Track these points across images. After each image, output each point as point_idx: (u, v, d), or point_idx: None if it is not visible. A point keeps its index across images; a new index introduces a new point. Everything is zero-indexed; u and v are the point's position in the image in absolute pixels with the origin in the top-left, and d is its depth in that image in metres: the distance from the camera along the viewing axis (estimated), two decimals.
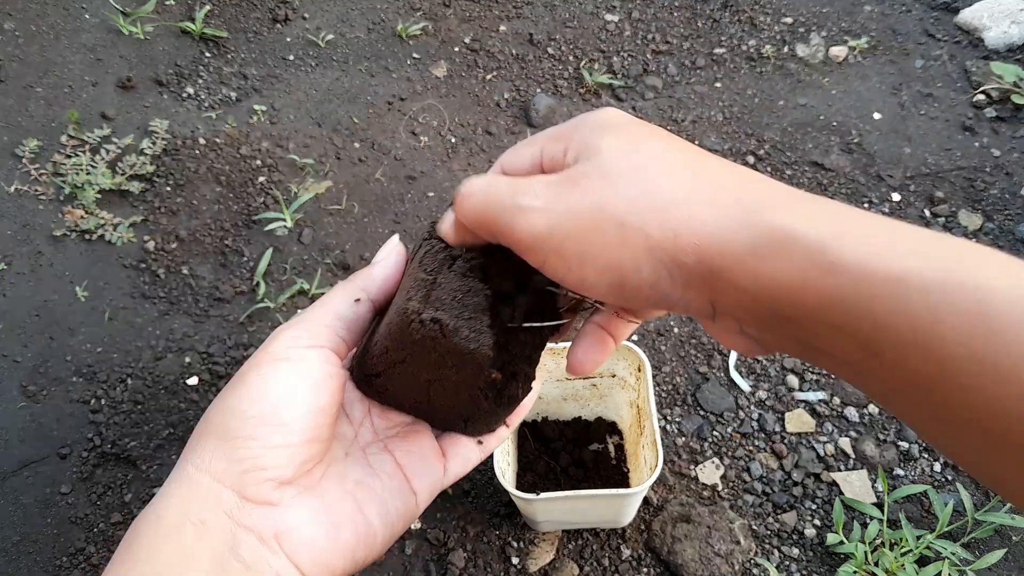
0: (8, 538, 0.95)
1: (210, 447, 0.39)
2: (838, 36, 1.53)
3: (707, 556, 0.88)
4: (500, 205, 0.39)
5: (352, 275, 0.46)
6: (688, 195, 0.34)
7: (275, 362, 0.41)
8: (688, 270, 0.34)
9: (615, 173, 0.36)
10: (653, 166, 0.36)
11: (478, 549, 0.90)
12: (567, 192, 0.37)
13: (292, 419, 0.41)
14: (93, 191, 1.28)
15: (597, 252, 0.35)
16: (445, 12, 1.62)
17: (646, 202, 0.35)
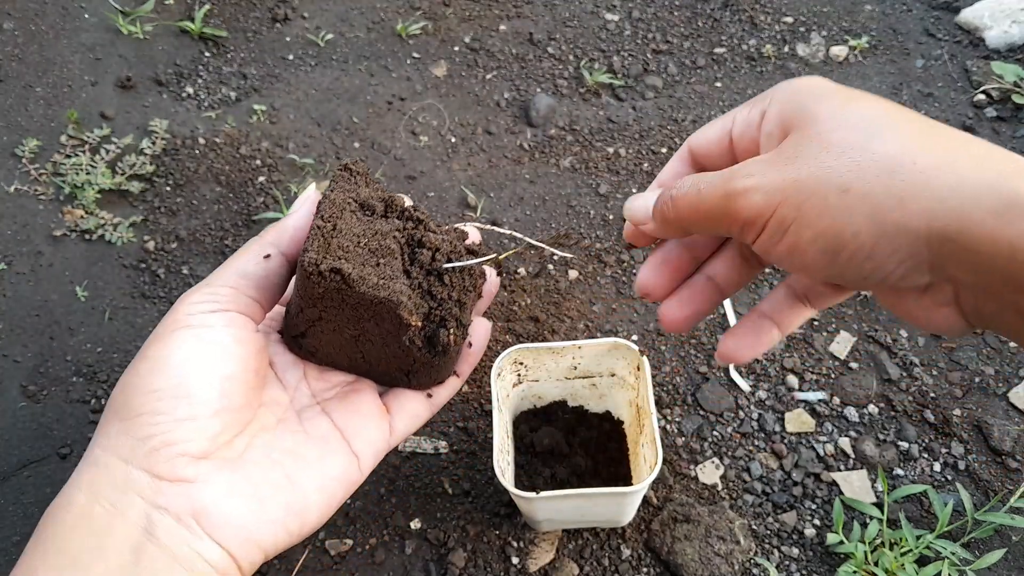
0: (8, 538, 0.95)
1: (115, 427, 0.37)
2: (838, 36, 1.53)
3: (707, 556, 0.88)
4: (714, 193, 0.38)
5: (264, 230, 0.44)
6: (917, 158, 0.33)
7: (176, 331, 0.39)
8: (914, 235, 0.33)
9: (837, 139, 0.35)
10: (876, 130, 0.34)
11: (478, 549, 0.90)
12: (784, 165, 0.36)
13: (197, 389, 0.38)
14: (93, 191, 1.28)
15: (815, 217, 0.34)
16: (445, 11, 1.61)
17: (872, 167, 0.33)
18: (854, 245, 0.34)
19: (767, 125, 0.40)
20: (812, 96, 0.38)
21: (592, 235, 1.23)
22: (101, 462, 0.37)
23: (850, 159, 0.34)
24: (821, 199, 0.34)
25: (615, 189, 1.30)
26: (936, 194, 0.32)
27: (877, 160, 0.33)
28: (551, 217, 1.26)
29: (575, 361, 0.88)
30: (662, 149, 1.36)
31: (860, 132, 0.35)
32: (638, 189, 1.30)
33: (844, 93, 0.38)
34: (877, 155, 0.34)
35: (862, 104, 0.36)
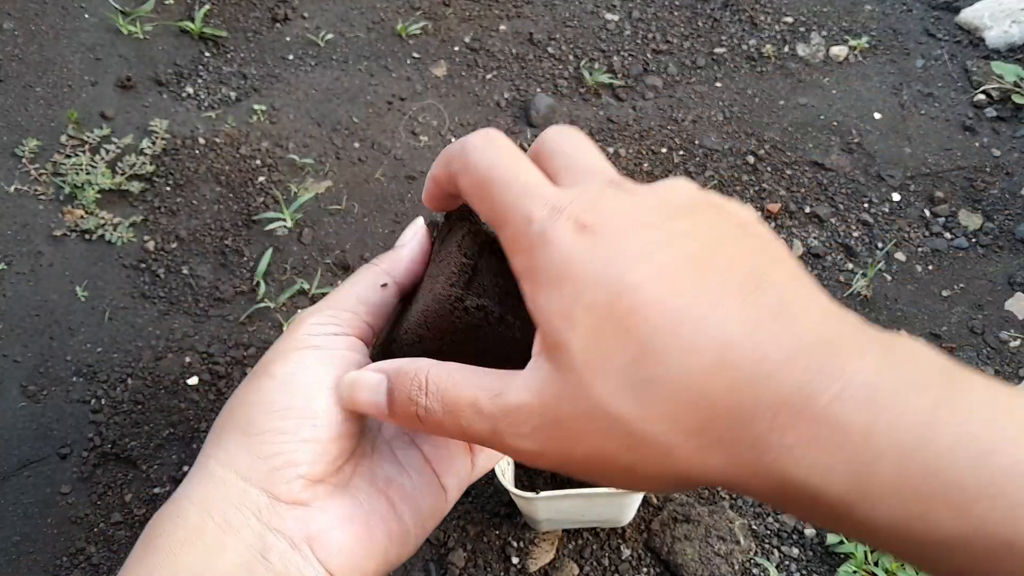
0: (8, 538, 0.95)
1: (234, 442, 0.36)
2: (838, 36, 1.53)
3: (707, 556, 0.88)
4: (480, 428, 0.33)
5: (376, 258, 0.43)
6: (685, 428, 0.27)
7: (301, 350, 0.38)
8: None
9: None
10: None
11: (478, 549, 0.90)
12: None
13: (322, 411, 0.37)
14: (93, 191, 1.28)
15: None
16: (445, 11, 1.61)
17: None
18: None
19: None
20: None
21: None
22: (217, 476, 0.36)
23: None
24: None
25: None
26: (706, 478, 0.29)
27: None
28: None
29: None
30: (662, 149, 1.36)
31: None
32: None
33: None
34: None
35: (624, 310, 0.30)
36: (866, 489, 0.23)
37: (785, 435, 0.24)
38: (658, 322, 0.26)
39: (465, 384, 0.33)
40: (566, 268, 0.29)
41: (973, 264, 1.18)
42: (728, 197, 0.31)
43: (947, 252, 1.20)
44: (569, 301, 0.28)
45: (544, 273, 0.30)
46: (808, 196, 1.28)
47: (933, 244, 1.21)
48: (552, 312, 0.30)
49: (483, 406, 0.32)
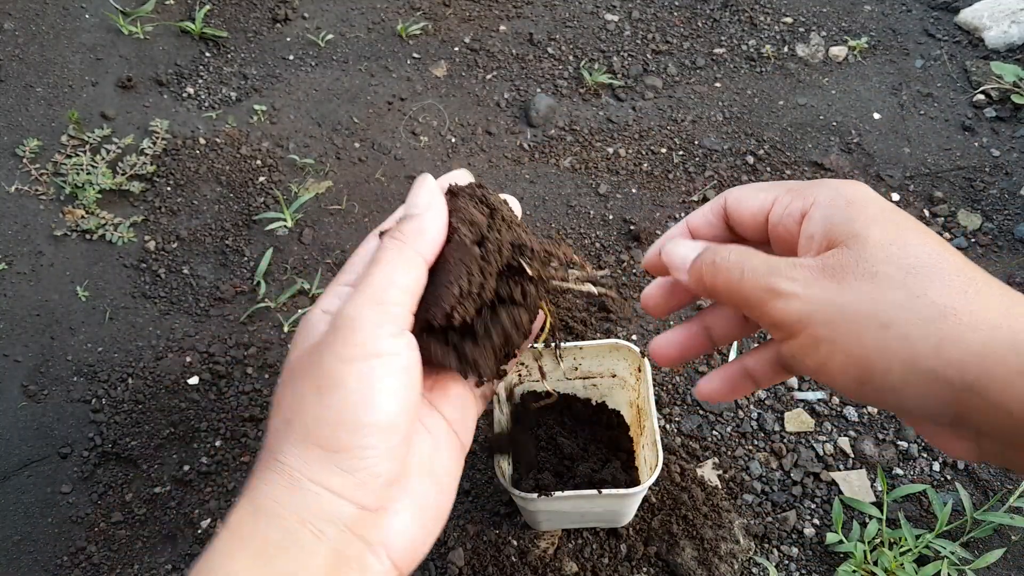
0: (9, 538, 0.96)
1: (316, 456, 0.38)
2: (838, 36, 1.53)
3: (707, 556, 0.88)
4: (755, 288, 0.39)
5: (395, 231, 0.44)
6: (958, 310, 0.34)
7: (370, 359, 0.40)
8: (943, 382, 0.34)
9: (883, 273, 0.36)
10: (925, 275, 0.36)
11: (478, 548, 0.90)
12: (828, 283, 0.37)
13: (400, 422, 0.40)
14: (93, 191, 1.28)
15: (850, 345, 0.36)
16: (445, 12, 1.62)
17: (913, 310, 0.35)
18: (883, 380, 0.35)
19: (810, 226, 0.41)
20: (862, 213, 0.39)
21: (592, 234, 1.23)
22: (307, 488, 0.38)
23: (895, 298, 0.35)
24: (859, 329, 0.36)
25: (615, 189, 1.30)
26: (970, 348, 0.33)
27: (920, 305, 0.35)
28: (551, 217, 1.26)
29: (576, 362, 0.88)
30: (662, 149, 1.36)
31: (908, 273, 0.36)
32: (637, 189, 1.30)
33: (894, 218, 0.39)
34: (921, 300, 0.35)
35: (912, 238, 0.37)
36: None
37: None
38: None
39: (758, 254, 0.41)
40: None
41: None
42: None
43: None
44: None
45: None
46: None
47: None
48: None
49: (772, 265, 0.40)
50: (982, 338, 0.33)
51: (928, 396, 0.35)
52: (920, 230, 0.38)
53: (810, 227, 0.41)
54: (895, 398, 0.36)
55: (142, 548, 0.94)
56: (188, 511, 0.97)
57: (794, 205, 0.42)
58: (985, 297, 0.35)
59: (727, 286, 0.41)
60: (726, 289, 0.41)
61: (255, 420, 1.04)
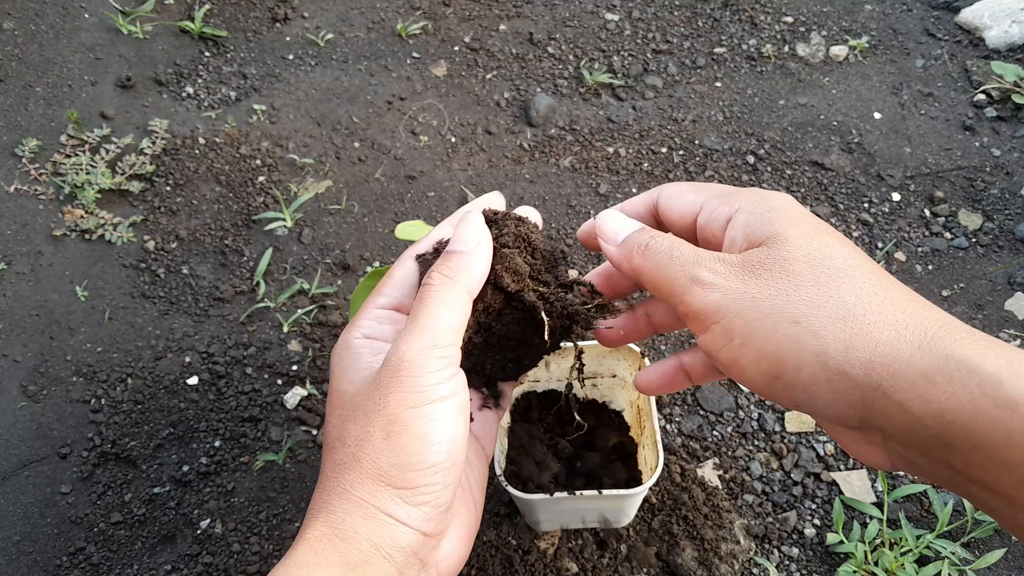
0: (8, 538, 0.95)
1: (389, 495, 0.42)
2: (838, 35, 1.53)
3: (707, 556, 0.88)
4: (679, 273, 0.41)
5: (445, 267, 0.45)
6: (868, 309, 0.35)
7: (432, 403, 0.42)
8: (850, 382, 0.35)
9: (799, 271, 0.37)
10: (838, 272, 0.37)
11: (478, 549, 0.90)
12: (746, 277, 0.38)
13: (458, 455, 0.44)
14: (93, 191, 1.28)
15: (763, 341, 0.37)
16: (445, 11, 1.61)
17: (826, 308, 0.36)
18: (794, 376, 0.36)
19: (732, 230, 0.42)
20: (783, 218, 0.40)
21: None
22: (381, 520, 0.42)
23: (807, 295, 0.37)
24: (771, 324, 0.37)
25: (615, 189, 1.30)
26: (878, 348, 0.34)
27: (832, 304, 0.36)
28: (551, 217, 1.26)
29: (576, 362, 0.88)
30: (662, 149, 1.36)
31: (822, 272, 0.37)
32: (638, 189, 1.30)
33: (813, 223, 0.41)
34: (833, 299, 0.36)
35: (829, 241, 0.39)
36: (1016, 370, 0.31)
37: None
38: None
39: (688, 245, 0.43)
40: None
41: (973, 264, 1.18)
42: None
43: (947, 252, 1.20)
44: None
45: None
46: (808, 196, 1.28)
47: (933, 244, 1.21)
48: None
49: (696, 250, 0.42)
50: (889, 338, 0.34)
51: (837, 394, 0.35)
52: (837, 236, 0.40)
53: (732, 231, 0.42)
54: (805, 396, 0.36)
55: (141, 548, 0.94)
56: (187, 511, 0.97)
57: (720, 210, 0.44)
58: (894, 300, 0.36)
59: (654, 269, 0.42)
60: (652, 271, 0.43)
61: (254, 420, 1.04)
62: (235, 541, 0.94)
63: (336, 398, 0.46)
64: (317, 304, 1.16)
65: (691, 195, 0.46)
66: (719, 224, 0.44)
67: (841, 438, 0.39)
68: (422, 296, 0.44)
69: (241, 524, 0.95)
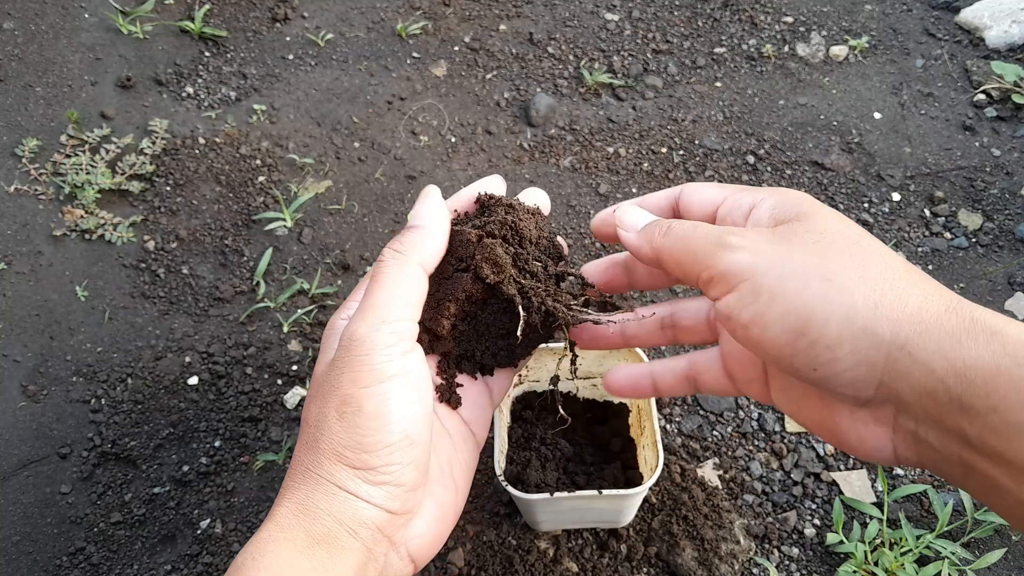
0: (8, 538, 0.95)
1: (348, 475, 0.42)
2: (838, 35, 1.53)
3: (707, 556, 0.88)
4: (705, 241, 0.41)
5: (398, 242, 0.45)
6: (895, 278, 0.37)
7: (384, 382, 0.42)
8: (877, 340, 0.35)
9: (830, 238, 0.38)
10: (867, 243, 0.39)
11: (478, 549, 0.90)
12: (777, 242, 0.39)
13: (417, 434, 0.44)
14: (93, 191, 1.28)
15: (792, 296, 0.37)
16: (445, 11, 1.61)
17: (857, 269, 0.37)
18: (820, 332, 0.36)
19: (758, 214, 0.43)
20: (808, 203, 0.41)
21: (592, 234, 1.23)
22: (342, 496, 0.42)
23: (839, 255, 0.37)
24: (802, 279, 0.37)
25: (615, 189, 1.30)
26: (906, 309, 0.35)
27: (863, 268, 0.37)
28: (551, 217, 1.26)
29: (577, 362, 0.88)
30: (662, 149, 1.36)
31: (853, 244, 0.38)
32: (638, 189, 1.30)
33: (837, 213, 0.42)
34: (863, 265, 0.37)
35: (854, 225, 0.41)
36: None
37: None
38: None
39: (710, 224, 0.43)
40: None
41: (973, 264, 1.18)
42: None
43: (947, 252, 1.20)
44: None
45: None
46: None
47: (933, 244, 1.21)
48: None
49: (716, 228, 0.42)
50: (917, 302, 0.35)
51: (860, 354, 0.36)
52: (861, 228, 0.41)
53: (758, 215, 0.43)
54: (828, 356, 0.36)
55: (141, 548, 0.94)
56: (187, 511, 0.97)
57: (744, 200, 0.44)
58: (919, 275, 0.38)
59: (678, 242, 0.43)
60: (675, 245, 0.43)
61: (254, 420, 1.04)
62: (235, 541, 0.94)
63: (312, 380, 0.47)
64: (317, 304, 1.16)
65: (713, 190, 0.47)
66: (742, 212, 0.44)
67: (844, 424, 0.39)
68: (373, 273, 0.45)
69: (241, 524, 0.95)
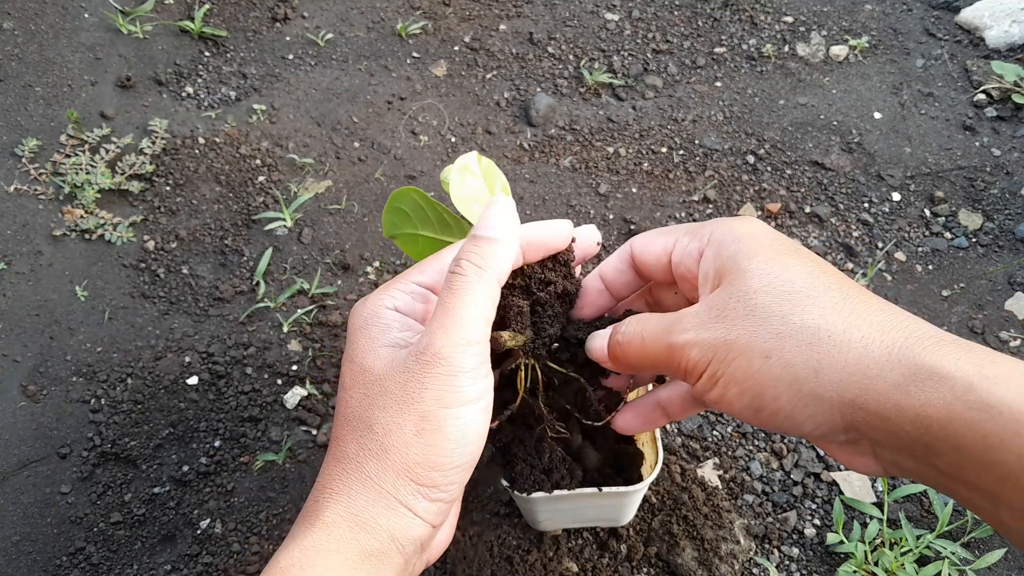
0: (8, 538, 0.95)
1: (412, 490, 0.43)
2: (838, 35, 1.53)
3: (707, 556, 0.88)
4: (657, 344, 0.43)
5: (472, 253, 0.44)
6: (833, 330, 0.37)
7: (466, 405, 0.43)
8: (828, 403, 0.36)
9: (762, 304, 0.39)
10: (800, 297, 0.38)
11: (478, 549, 0.90)
12: (716, 324, 0.40)
13: (478, 457, 0.45)
14: (93, 191, 1.27)
15: (741, 378, 0.39)
16: (445, 11, 1.61)
17: (791, 336, 0.37)
18: (774, 406, 0.38)
19: (704, 266, 0.44)
20: (746, 247, 0.42)
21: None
22: (400, 514, 0.43)
23: (773, 327, 0.38)
24: (746, 362, 0.38)
25: (615, 188, 1.30)
26: (847, 368, 0.35)
27: (797, 331, 0.37)
28: (551, 217, 1.26)
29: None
30: (662, 148, 1.36)
31: (784, 299, 0.38)
32: (638, 189, 1.30)
33: (776, 246, 0.41)
34: (797, 326, 0.37)
35: (790, 263, 0.40)
36: (986, 373, 0.32)
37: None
38: None
39: (652, 317, 0.45)
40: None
41: (973, 264, 1.18)
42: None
43: (947, 252, 1.20)
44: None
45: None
46: (808, 196, 1.28)
47: (933, 244, 1.21)
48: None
49: (663, 325, 0.44)
50: (856, 357, 0.35)
51: (817, 416, 0.37)
52: (800, 256, 0.41)
53: (704, 266, 0.44)
54: (790, 423, 0.38)
55: (141, 548, 0.94)
56: (187, 511, 0.97)
57: (692, 246, 0.45)
58: (860, 315, 0.37)
59: (638, 356, 0.45)
60: (638, 359, 0.45)
61: (254, 420, 1.04)
62: (235, 541, 0.94)
63: (357, 371, 0.45)
64: (317, 304, 1.16)
65: (661, 238, 0.48)
66: (693, 259, 0.45)
67: (833, 452, 0.40)
68: (453, 286, 0.43)
69: (241, 524, 0.95)
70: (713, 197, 1.27)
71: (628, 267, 0.51)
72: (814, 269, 0.40)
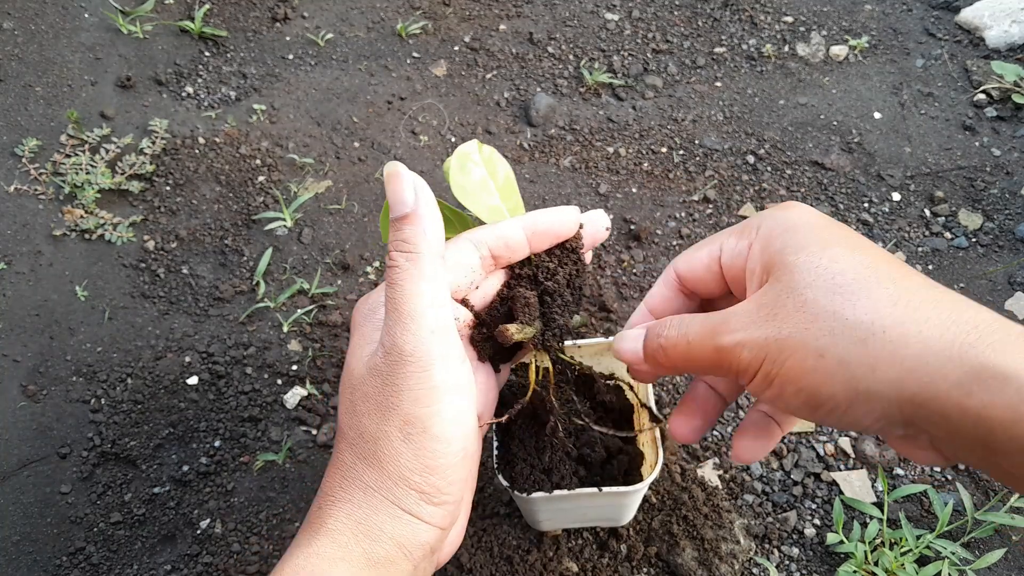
0: (8, 538, 0.95)
1: (415, 498, 0.42)
2: (838, 35, 1.53)
3: (707, 556, 0.88)
4: (704, 346, 0.41)
5: (399, 242, 0.42)
6: (887, 324, 0.35)
7: (444, 398, 0.42)
8: (886, 400, 0.35)
9: (812, 299, 0.37)
10: (851, 290, 0.37)
11: (478, 549, 0.90)
12: (765, 323, 0.39)
13: (471, 448, 0.44)
14: (93, 191, 1.28)
15: (796, 376, 0.37)
16: (445, 11, 1.61)
17: (844, 334, 0.36)
18: (831, 404, 0.37)
19: (751, 262, 0.42)
20: (794, 239, 0.40)
21: None
22: (406, 521, 0.43)
23: (825, 324, 0.36)
24: (800, 361, 0.37)
25: (615, 188, 1.30)
26: (904, 365, 0.34)
27: (850, 328, 0.36)
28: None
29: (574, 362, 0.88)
30: (662, 148, 1.36)
31: (835, 294, 0.37)
32: (638, 189, 1.30)
33: (824, 236, 0.40)
34: (850, 322, 0.36)
35: (840, 255, 0.38)
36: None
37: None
38: None
39: (696, 318, 0.43)
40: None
41: (973, 264, 1.18)
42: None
43: (947, 252, 1.20)
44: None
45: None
46: (808, 196, 1.28)
47: (933, 244, 1.21)
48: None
49: (710, 324, 0.42)
50: (914, 353, 0.34)
51: (875, 412, 0.36)
52: (850, 244, 0.39)
53: (751, 262, 0.42)
54: (849, 418, 0.37)
55: (141, 548, 0.94)
56: (187, 511, 0.97)
57: (740, 245, 0.44)
58: (915, 308, 0.35)
59: (683, 359, 0.43)
60: (683, 361, 0.44)
61: (254, 420, 1.04)
62: (235, 541, 0.94)
63: (347, 374, 0.44)
64: (317, 304, 1.16)
65: (703, 250, 0.46)
66: (743, 258, 0.43)
67: (895, 444, 0.39)
68: (391, 280, 0.42)
69: (241, 524, 0.95)
70: (713, 197, 1.27)
71: (675, 292, 0.49)
72: (866, 259, 0.38)
